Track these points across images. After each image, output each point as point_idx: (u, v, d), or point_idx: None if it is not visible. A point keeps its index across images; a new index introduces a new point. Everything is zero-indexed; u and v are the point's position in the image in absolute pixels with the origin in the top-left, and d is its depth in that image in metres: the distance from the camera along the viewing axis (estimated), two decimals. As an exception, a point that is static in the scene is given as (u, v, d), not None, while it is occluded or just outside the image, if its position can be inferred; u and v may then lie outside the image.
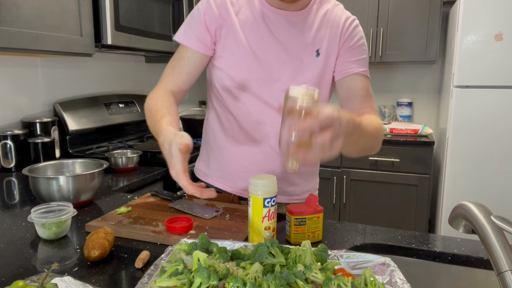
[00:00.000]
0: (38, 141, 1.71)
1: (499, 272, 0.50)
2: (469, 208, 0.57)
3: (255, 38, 1.07)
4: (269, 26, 1.07)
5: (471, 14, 2.40)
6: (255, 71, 1.07)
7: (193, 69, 1.11)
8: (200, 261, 0.67)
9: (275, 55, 1.07)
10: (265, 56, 1.07)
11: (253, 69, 1.07)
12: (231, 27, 1.07)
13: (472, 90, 2.47)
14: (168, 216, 1.03)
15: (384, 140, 3.11)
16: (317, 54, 1.09)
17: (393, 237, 0.99)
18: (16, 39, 1.38)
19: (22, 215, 1.12)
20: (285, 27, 1.08)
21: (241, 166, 1.15)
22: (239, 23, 1.07)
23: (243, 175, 1.16)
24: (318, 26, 1.10)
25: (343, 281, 0.65)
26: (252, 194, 0.87)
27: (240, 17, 1.07)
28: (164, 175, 1.81)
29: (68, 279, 0.67)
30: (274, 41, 1.07)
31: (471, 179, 2.53)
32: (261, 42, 1.07)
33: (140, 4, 1.94)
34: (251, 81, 1.08)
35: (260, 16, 1.07)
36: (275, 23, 1.07)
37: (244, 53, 1.07)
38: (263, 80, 1.08)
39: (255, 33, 1.07)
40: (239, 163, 1.16)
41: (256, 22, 1.07)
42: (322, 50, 1.10)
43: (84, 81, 2.20)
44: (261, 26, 1.07)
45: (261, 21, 1.07)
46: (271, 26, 1.07)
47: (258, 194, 0.86)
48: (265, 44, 1.07)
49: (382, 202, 2.83)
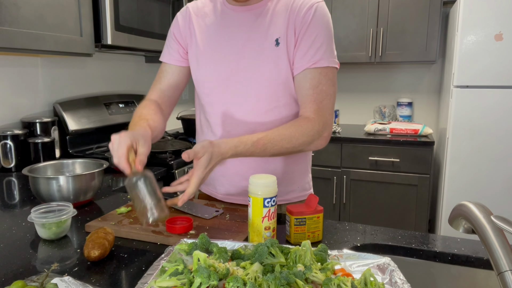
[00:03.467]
0: (38, 141, 1.71)
1: (499, 272, 0.50)
2: (469, 208, 0.57)
3: (217, 39, 1.10)
4: (228, 25, 1.10)
5: (471, 14, 2.40)
6: (218, 71, 1.10)
7: (174, 80, 1.19)
8: (200, 261, 0.67)
9: (236, 52, 1.08)
10: (226, 55, 1.09)
11: (216, 70, 1.10)
12: (194, 35, 1.14)
13: (472, 90, 2.47)
14: (168, 216, 1.03)
15: (384, 140, 3.09)
16: (276, 43, 1.05)
17: (393, 237, 0.99)
18: (16, 39, 1.38)
19: (22, 215, 1.12)
20: (244, 22, 1.08)
21: (218, 170, 1.15)
22: (202, 29, 1.13)
23: (221, 180, 1.18)
24: (275, 14, 1.07)
25: (343, 281, 0.65)
26: (252, 194, 0.87)
27: (205, 23, 1.13)
28: (164, 175, 1.81)
29: (68, 279, 0.67)
30: (235, 38, 1.08)
31: (471, 179, 2.53)
32: (221, 43, 1.10)
33: (140, 4, 1.94)
34: (218, 82, 1.11)
35: (220, 17, 1.11)
36: (234, 20, 1.09)
37: (205, 56, 1.11)
38: (228, 79, 1.09)
39: (217, 34, 1.11)
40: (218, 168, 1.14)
41: (217, 24, 1.12)
42: (281, 39, 1.05)
43: (84, 81, 2.20)
44: (222, 26, 1.11)
45: (221, 22, 1.11)
46: (231, 24, 1.09)
47: (258, 194, 0.86)
48: (226, 43, 1.09)
49: (382, 202, 2.83)
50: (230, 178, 1.16)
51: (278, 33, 1.06)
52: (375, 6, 2.89)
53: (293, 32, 1.05)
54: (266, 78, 1.07)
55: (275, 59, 1.05)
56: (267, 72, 1.06)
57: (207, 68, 1.12)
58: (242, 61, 1.07)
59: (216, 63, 1.10)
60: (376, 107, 3.32)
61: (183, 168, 1.88)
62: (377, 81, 3.33)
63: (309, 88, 1.04)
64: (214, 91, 1.13)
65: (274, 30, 1.06)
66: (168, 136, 2.28)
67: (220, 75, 1.10)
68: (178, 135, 2.42)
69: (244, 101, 1.10)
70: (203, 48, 1.12)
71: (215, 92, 1.12)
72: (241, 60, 1.07)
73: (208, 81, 1.13)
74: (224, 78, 1.10)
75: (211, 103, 1.14)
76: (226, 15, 1.11)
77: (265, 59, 1.06)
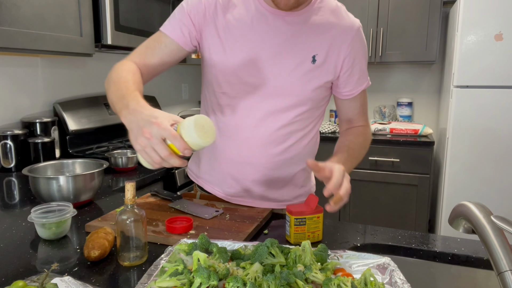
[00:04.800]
0: (38, 141, 1.71)
1: (499, 272, 0.50)
2: (469, 208, 0.57)
3: (247, 39, 1.02)
4: (262, 27, 1.02)
5: (471, 14, 2.40)
6: (246, 72, 1.03)
7: (167, 57, 1.06)
8: (200, 261, 0.67)
9: (268, 58, 1.02)
10: (256, 56, 1.02)
11: (243, 70, 1.03)
12: (220, 27, 1.03)
13: (472, 90, 2.47)
14: (168, 216, 1.03)
15: (384, 140, 3.08)
16: (313, 60, 1.04)
17: (393, 237, 0.99)
18: (16, 39, 1.38)
19: (22, 215, 1.12)
20: (280, 27, 1.02)
21: (229, 172, 1.14)
22: (230, 24, 1.02)
23: (230, 182, 1.15)
24: (315, 27, 1.03)
25: (343, 281, 0.65)
26: None
27: (233, 15, 1.03)
28: (164, 175, 1.81)
29: (68, 279, 0.67)
30: (268, 43, 1.02)
31: (471, 179, 2.53)
32: (253, 42, 1.02)
33: (140, 4, 1.94)
34: (242, 83, 1.04)
35: (255, 16, 1.02)
36: (269, 23, 1.02)
37: (234, 54, 1.03)
38: (253, 83, 1.04)
39: (248, 34, 1.02)
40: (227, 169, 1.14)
41: (249, 22, 1.02)
42: (319, 57, 1.04)
43: (84, 81, 2.20)
44: (255, 26, 1.02)
45: (256, 21, 1.02)
46: (265, 27, 1.02)
47: None
48: (258, 47, 1.02)
49: (382, 202, 2.83)
50: (242, 182, 1.13)
51: (316, 49, 1.03)
52: (375, 6, 2.89)
53: (336, 53, 1.05)
54: (294, 92, 1.05)
55: (309, 76, 1.04)
56: (296, 87, 1.05)
57: (234, 67, 1.03)
58: (273, 69, 1.03)
59: (246, 65, 1.03)
60: (376, 107, 3.32)
61: (183, 168, 1.88)
62: (377, 81, 3.33)
63: (360, 106, 1.16)
64: (238, 93, 1.06)
65: (313, 46, 1.03)
66: (168, 136, 2.28)
67: (250, 77, 1.04)
68: (178, 135, 2.41)
69: (266, 108, 1.06)
70: (227, 44, 1.02)
71: (239, 94, 1.06)
72: (272, 67, 1.03)
73: (234, 80, 1.05)
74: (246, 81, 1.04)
75: (231, 105, 1.07)
76: (260, 15, 1.02)
77: (297, 73, 1.03)
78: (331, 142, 1.61)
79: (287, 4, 0.95)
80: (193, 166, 1.27)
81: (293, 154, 1.12)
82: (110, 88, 0.94)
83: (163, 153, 0.73)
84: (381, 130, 2.88)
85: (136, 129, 0.76)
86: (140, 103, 0.81)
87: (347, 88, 1.11)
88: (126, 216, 0.80)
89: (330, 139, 2.81)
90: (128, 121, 0.79)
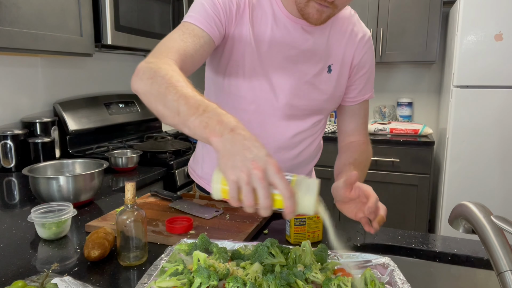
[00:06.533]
0: (38, 141, 1.71)
1: (499, 272, 0.50)
2: (469, 208, 0.57)
3: (266, 43, 0.99)
4: (282, 32, 0.99)
5: (471, 14, 2.40)
6: (261, 77, 1.01)
7: (204, 53, 0.92)
8: (200, 261, 0.67)
9: (286, 65, 1.01)
10: (272, 63, 1.00)
11: (259, 74, 1.01)
12: (243, 29, 0.98)
13: (472, 90, 2.47)
14: (168, 216, 1.03)
15: (384, 140, 3.08)
16: (328, 69, 1.05)
17: (393, 237, 0.99)
18: (16, 39, 1.38)
19: (22, 215, 1.12)
20: (299, 36, 1.00)
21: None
22: (255, 20, 0.98)
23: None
24: (333, 40, 1.04)
25: (343, 281, 0.65)
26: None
27: (257, 15, 0.99)
28: (164, 175, 1.81)
29: (68, 279, 0.67)
30: (287, 49, 1.00)
31: (471, 179, 2.52)
32: (270, 48, 1.00)
33: (140, 4, 1.94)
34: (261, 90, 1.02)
35: (273, 20, 0.99)
36: (289, 30, 1.00)
37: (251, 59, 1.00)
38: (268, 89, 1.03)
39: (267, 38, 0.99)
40: None
41: (272, 25, 0.99)
42: (334, 67, 1.05)
43: (84, 81, 2.20)
44: (275, 32, 0.99)
45: (274, 26, 0.99)
46: (285, 33, 0.99)
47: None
48: (274, 51, 1.00)
49: (382, 202, 2.82)
50: None
51: (332, 59, 1.05)
52: (375, 6, 2.89)
53: (349, 63, 1.07)
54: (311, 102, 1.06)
55: (324, 86, 1.06)
56: (313, 95, 1.06)
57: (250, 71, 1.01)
58: (291, 76, 1.02)
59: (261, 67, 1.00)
60: (376, 107, 3.32)
61: (183, 168, 1.88)
62: (377, 81, 3.32)
63: (363, 116, 1.16)
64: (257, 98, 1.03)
65: (329, 56, 1.05)
66: (168, 136, 2.28)
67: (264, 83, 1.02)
68: (178, 135, 2.41)
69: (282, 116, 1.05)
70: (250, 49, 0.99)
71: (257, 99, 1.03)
72: (290, 75, 1.02)
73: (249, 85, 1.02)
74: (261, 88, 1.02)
75: (247, 110, 1.05)
76: (279, 21, 0.99)
77: (314, 83, 1.04)
78: (331, 142, 1.61)
79: (318, 19, 0.93)
80: (195, 166, 1.26)
81: (303, 159, 1.14)
82: (159, 77, 0.78)
83: (264, 201, 0.58)
84: (381, 130, 2.88)
85: (240, 157, 0.59)
86: (239, 123, 0.65)
87: (352, 94, 1.12)
88: (126, 216, 0.80)
89: (330, 139, 2.80)
90: (226, 140, 0.61)
